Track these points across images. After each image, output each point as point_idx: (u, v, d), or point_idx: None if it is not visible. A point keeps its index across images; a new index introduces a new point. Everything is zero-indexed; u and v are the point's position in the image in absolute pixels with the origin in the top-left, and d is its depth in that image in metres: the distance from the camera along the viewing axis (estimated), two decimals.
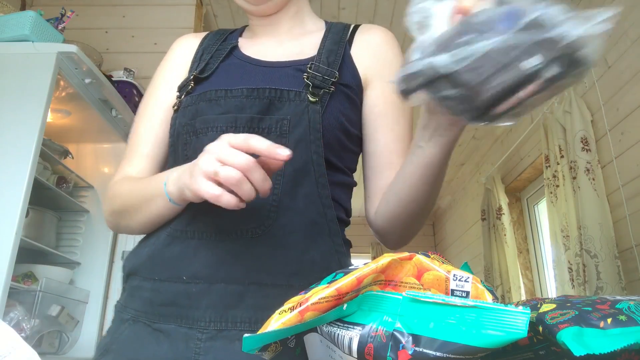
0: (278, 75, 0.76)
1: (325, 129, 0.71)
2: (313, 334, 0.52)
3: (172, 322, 0.66)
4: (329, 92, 0.73)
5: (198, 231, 0.68)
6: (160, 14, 2.36)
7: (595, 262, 2.15)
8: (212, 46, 0.83)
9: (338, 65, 0.77)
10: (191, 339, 0.64)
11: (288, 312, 0.45)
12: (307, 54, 0.79)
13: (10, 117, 1.50)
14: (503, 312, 0.38)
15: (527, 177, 3.34)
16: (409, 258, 0.48)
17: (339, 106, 0.74)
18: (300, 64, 0.76)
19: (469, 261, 4.29)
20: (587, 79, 2.50)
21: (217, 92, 0.72)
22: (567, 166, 2.45)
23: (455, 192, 4.92)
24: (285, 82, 0.74)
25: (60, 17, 1.82)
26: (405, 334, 0.41)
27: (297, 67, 0.76)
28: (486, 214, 3.67)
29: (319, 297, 0.45)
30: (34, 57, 1.58)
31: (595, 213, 2.23)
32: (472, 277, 0.46)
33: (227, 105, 0.71)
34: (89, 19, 2.33)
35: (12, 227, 1.38)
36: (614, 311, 0.43)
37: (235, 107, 0.71)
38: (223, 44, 0.83)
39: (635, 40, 2.12)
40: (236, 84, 0.73)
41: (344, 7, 2.48)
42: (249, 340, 0.44)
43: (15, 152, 1.46)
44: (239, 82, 0.74)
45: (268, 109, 0.70)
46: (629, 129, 2.17)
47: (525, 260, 3.42)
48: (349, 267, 0.51)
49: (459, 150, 4.11)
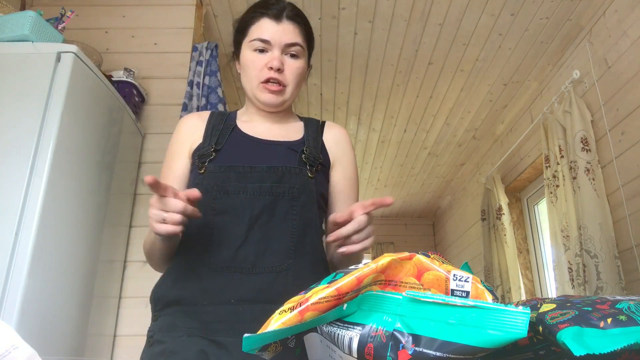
0: (275, 151, 1.03)
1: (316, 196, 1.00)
2: (313, 334, 0.52)
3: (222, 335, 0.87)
4: (317, 170, 1.02)
5: (239, 267, 0.91)
6: (160, 14, 2.36)
7: (595, 262, 2.15)
8: (217, 125, 1.08)
9: (319, 151, 1.06)
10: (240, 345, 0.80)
11: (288, 312, 0.45)
12: (293, 137, 1.07)
13: (10, 117, 1.50)
14: (503, 312, 0.38)
15: (527, 177, 3.34)
16: (409, 258, 0.48)
17: (321, 180, 1.04)
18: (291, 144, 1.05)
19: (469, 261, 4.29)
20: (587, 79, 2.50)
21: (245, 167, 0.98)
22: (567, 166, 2.45)
23: (455, 192, 4.92)
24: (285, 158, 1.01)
25: (60, 17, 1.82)
26: (405, 334, 0.41)
27: (288, 146, 1.04)
28: (486, 214, 3.67)
29: (319, 297, 0.45)
30: (34, 57, 1.58)
31: (595, 213, 2.23)
32: (472, 277, 0.46)
33: (253, 178, 0.97)
34: (89, 19, 2.33)
35: (12, 227, 1.38)
36: (614, 311, 0.43)
37: (258, 179, 0.97)
38: (225, 124, 1.08)
39: (635, 40, 2.12)
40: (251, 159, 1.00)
41: (344, 7, 2.48)
42: (249, 340, 0.44)
43: (15, 152, 1.46)
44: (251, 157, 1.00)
45: (281, 180, 0.97)
46: (629, 129, 2.17)
47: (525, 260, 3.42)
48: (349, 268, 0.51)
49: (459, 150, 4.12)
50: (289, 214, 0.96)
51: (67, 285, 1.57)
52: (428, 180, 4.76)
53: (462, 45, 2.77)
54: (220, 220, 0.95)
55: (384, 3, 2.47)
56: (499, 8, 2.48)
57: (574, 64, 2.63)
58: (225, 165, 0.99)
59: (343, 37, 2.71)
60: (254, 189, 0.96)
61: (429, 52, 2.83)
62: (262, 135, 1.07)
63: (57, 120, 1.51)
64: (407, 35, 2.70)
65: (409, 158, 4.26)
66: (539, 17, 2.54)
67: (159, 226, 0.80)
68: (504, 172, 3.55)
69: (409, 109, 3.46)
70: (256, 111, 1.12)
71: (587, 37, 2.50)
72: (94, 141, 1.75)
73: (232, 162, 0.99)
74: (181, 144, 1.08)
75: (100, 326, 1.79)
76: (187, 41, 2.31)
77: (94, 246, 1.75)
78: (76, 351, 1.62)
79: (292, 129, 1.12)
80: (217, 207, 0.96)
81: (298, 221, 0.96)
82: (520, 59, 2.88)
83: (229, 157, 1.01)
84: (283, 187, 0.97)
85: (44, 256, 1.43)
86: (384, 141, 3.95)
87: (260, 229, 0.94)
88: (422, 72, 3.02)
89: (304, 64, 1.09)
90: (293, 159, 1.02)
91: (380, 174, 4.61)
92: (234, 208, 0.95)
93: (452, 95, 3.28)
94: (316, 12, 2.50)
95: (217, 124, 1.09)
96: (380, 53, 2.85)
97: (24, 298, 1.35)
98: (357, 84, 3.15)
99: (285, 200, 0.96)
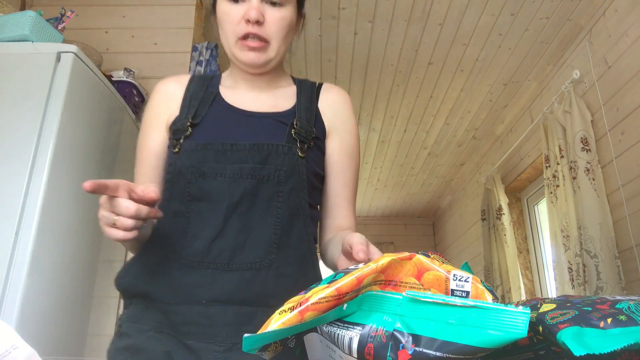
0: (262, 125, 0.89)
1: (307, 178, 0.87)
2: (313, 334, 0.52)
3: (192, 339, 0.79)
4: (310, 146, 0.89)
5: (213, 262, 0.80)
6: (160, 14, 2.36)
7: (595, 262, 2.15)
8: (197, 93, 0.94)
9: (313, 121, 0.92)
10: (210, 351, 0.78)
11: (288, 312, 0.45)
12: (283, 106, 0.93)
13: (10, 117, 1.50)
14: (503, 312, 0.38)
15: (527, 177, 3.34)
16: (409, 258, 0.48)
17: (314, 157, 0.91)
18: (279, 116, 0.91)
19: (469, 261, 4.29)
20: (587, 79, 2.50)
21: (224, 145, 0.84)
22: (567, 166, 2.45)
23: (455, 192, 4.92)
24: (272, 134, 0.88)
25: (60, 17, 1.82)
26: (405, 334, 0.41)
27: (276, 118, 0.91)
28: (486, 214, 3.67)
29: (319, 297, 0.45)
30: (34, 57, 1.58)
31: (595, 213, 2.22)
32: (472, 277, 0.46)
33: (234, 157, 0.84)
34: (89, 19, 2.33)
35: (12, 227, 1.38)
36: (614, 311, 0.43)
37: (239, 159, 0.83)
38: (207, 92, 0.94)
39: (635, 40, 2.12)
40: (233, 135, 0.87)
41: (344, 7, 2.48)
42: (249, 340, 0.44)
43: (15, 152, 1.46)
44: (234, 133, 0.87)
45: (266, 160, 0.84)
46: (629, 129, 2.17)
47: (525, 260, 3.42)
48: (349, 268, 0.51)
49: (459, 150, 4.12)
50: (274, 200, 0.83)
51: (67, 285, 1.57)
52: (428, 180, 4.76)
53: (462, 45, 2.77)
54: (196, 207, 0.83)
55: (384, 3, 2.47)
56: (499, 8, 2.48)
57: (574, 64, 2.63)
58: (201, 142, 0.85)
59: (343, 37, 2.71)
60: (233, 170, 0.83)
61: (429, 52, 2.83)
62: (247, 105, 0.92)
63: (57, 120, 1.51)
64: (407, 35, 2.70)
65: (409, 158, 4.26)
66: (539, 17, 2.54)
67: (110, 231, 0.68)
68: (504, 172, 3.55)
69: (409, 109, 3.46)
70: (240, 74, 0.96)
71: (587, 37, 2.50)
72: (94, 141, 1.75)
73: (210, 139, 0.85)
74: (156, 115, 0.93)
75: (100, 326, 1.79)
76: (187, 41, 2.31)
77: (94, 246, 1.75)
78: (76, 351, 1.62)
79: (282, 97, 0.96)
80: (192, 192, 0.83)
81: (284, 209, 0.83)
82: (520, 59, 2.88)
83: (206, 133, 0.87)
84: (268, 168, 0.83)
85: (44, 256, 1.43)
86: (384, 141, 3.95)
87: (240, 219, 0.82)
88: (422, 72, 3.02)
89: (290, 13, 0.91)
90: (281, 135, 0.88)
91: (380, 174, 4.61)
92: (209, 193, 0.83)
93: (452, 95, 3.28)
94: (316, 12, 2.50)
95: (197, 91, 0.94)
96: (380, 53, 2.85)
97: (24, 298, 1.35)
98: (357, 83, 3.15)
99: (270, 184, 0.83)
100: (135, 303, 0.84)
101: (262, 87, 0.97)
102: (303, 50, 2.80)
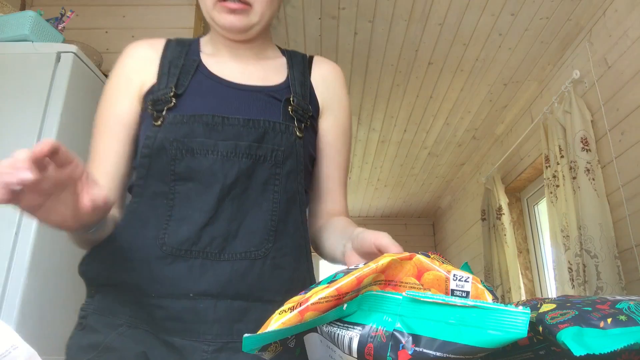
0: (252, 99, 0.80)
1: (303, 161, 0.80)
2: (313, 334, 0.52)
3: (176, 336, 0.70)
4: (307, 126, 0.82)
5: (202, 251, 0.71)
6: (160, 14, 2.36)
7: (595, 262, 2.15)
8: (176, 60, 0.82)
9: (308, 98, 0.85)
10: (197, 350, 0.70)
11: (288, 312, 0.45)
12: (273, 80, 0.85)
13: (10, 117, 1.50)
14: (503, 312, 0.38)
15: (527, 177, 3.34)
16: (409, 258, 0.48)
17: (310, 139, 0.83)
18: (271, 90, 0.82)
19: (469, 261, 4.29)
20: (587, 79, 2.50)
21: (215, 117, 0.74)
22: (567, 166, 2.45)
23: (455, 192, 4.92)
24: (265, 110, 0.79)
25: (60, 17, 1.82)
26: (405, 334, 0.41)
27: (268, 92, 0.82)
28: (486, 214, 3.67)
29: (319, 297, 0.45)
30: (34, 57, 1.58)
31: (595, 213, 2.22)
32: (472, 277, 0.46)
33: (226, 133, 0.74)
34: (89, 19, 2.32)
35: (12, 227, 1.38)
36: (614, 311, 0.43)
37: (233, 135, 0.74)
38: (187, 59, 0.83)
39: (635, 40, 2.12)
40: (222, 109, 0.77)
41: (344, 7, 2.48)
42: (249, 340, 0.44)
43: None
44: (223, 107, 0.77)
45: (263, 138, 0.75)
46: (629, 129, 2.17)
47: (525, 260, 3.41)
48: (348, 268, 0.51)
49: (459, 150, 4.12)
50: (270, 184, 0.75)
51: (67, 285, 1.57)
52: (428, 180, 4.76)
53: (462, 45, 2.77)
54: (182, 188, 0.73)
55: (384, 3, 2.47)
56: (499, 8, 2.48)
57: (574, 64, 2.63)
58: (187, 114, 0.75)
59: (343, 37, 2.71)
60: (227, 148, 0.73)
61: (429, 52, 2.83)
62: (234, 77, 0.83)
63: (57, 120, 1.51)
64: (407, 35, 2.70)
65: (409, 158, 4.26)
66: (539, 17, 2.54)
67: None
68: (504, 172, 3.55)
69: (409, 109, 3.46)
70: (221, 40, 0.86)
71: (587, 37, 2.50)
72: None
73: (198, 111, 0.75)
74: (127, 80, 0.81)
75: None
76: None
77: None
78: None
79: (271, 68, 0.87)
80: (178, 170, 0.73)
81: (281, 194, 0.75)
82: (520, 59, 2.88)
83: (192, 105, 0.77)
84: (265, 148, 0.75)
85: (43, 256, 1.43)
86: (384, 141, 3.95)
87: (232, 203, 0.73)
88: (422, 72, 3.02)
89: None
90: (276, 111, 0.79)
91: (380, 174, 4.60)
92: (200, 173, 0.73)
93: (452, 95, 3.28)
94: (316, 12, 2.50)
95: (176, 58, 0.83)
96: (380, 53, 2.85)
97: (24, 298, 1.35)
98: (357, 83, 3.15)
99: (267, 166, 0.75)
100: (102, 292, 0.74)
101: (248, 58, 0.87)
102: (303, 50, 2.80)
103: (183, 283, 0.70)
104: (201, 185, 0.73)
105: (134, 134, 0.80)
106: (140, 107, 0.81)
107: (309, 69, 0.89)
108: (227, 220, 0.73)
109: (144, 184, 0.74)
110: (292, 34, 2.67)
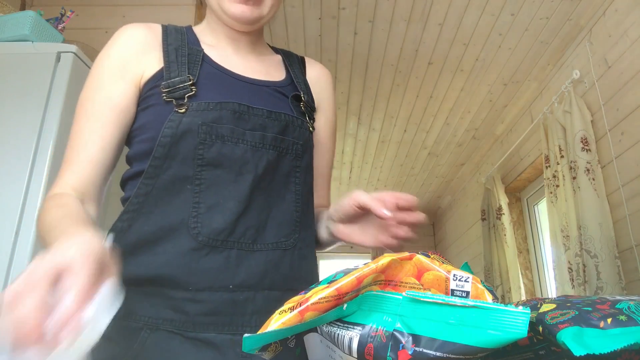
0: (262, 93, 0.80)
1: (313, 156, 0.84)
2: (313, 334, 0.52)
3: (212, 331, 0.67)
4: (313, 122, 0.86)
5: (237, 241, 0.70)
6: (160, 14, 2.36)
7: (595, 262, 2.15)
8: (181, 48, 0.79)
9: (312, 97, 0.88)
10: (236, 344, 0.67)
11: (288, 312, 0.45)
12: (275, 76, 0.86)
13: (10, 117, 1.50)
14: (503, 312, 0.38)
15: (527, 177, 3.34)
16: (409, 258, 0.48)
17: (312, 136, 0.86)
18: (277, 86, 0.83)
19: (469, 261, 4.29)
20: (587, 79, 2.50)
21: (241, 106, 0.74)
22: (567, 166, 2.45)
23: (455, 192, 4.92)
24: (279, 104, 0.80)
25: (60, 17, 1.82)
26: (405, 334, 0.41)
27: (275, 88, 0.82)
28: (486, 214, 3.67)
29: (319, 297, 0.45)
30: (34, 57, 1.58)
31: (595, 213, 2.22)
32: (472, 277, 0.46)
33: (252, 122, 0.74)
34: (89, 19, 2.32)
35: (12, 227, 1.38)
36: (614, 311, 0.43)
37: (260, 125, 0.74)
38: (190, 48, 0.80)
39: (635, 40, 2.12)
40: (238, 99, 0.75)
41: (344, 7, 2.48)
42: (249, 340, 0.44)
43: (15, 152, 1.46)
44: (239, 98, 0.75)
45: (285, 131, 0.76)
46: (629, 129, 2.17)
47: (525, 260, 3.41)
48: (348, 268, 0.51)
49: (459, 150, 4.12)
50: (292, 176, 0.76)
51: None
52: (428, 180, 4.76)
53: (462, 45, 2.77)
54: (210, 174, 0.70)
55: (384, 3, 2.47)
56: (499, 8, 2.48)
57: (574, 63, 2.63)
58: (214, 101, 0.72)
59: (343, 37, 2.71)
60: (254, 138, 0.73)
61: (429, 52, 2.83)
62: (240, 69, 0.81)
63: (57, 120, 1.51)
64: (407, 35, 2.70)
65: (409, 158, 4.26)
66: (539, 17, 2.54)
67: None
68: (504, 172, 3.55)
69: (409, 109, 3.46)
70: (223, 30, 0.84)
71: (587, 37, 2.50)
72: None
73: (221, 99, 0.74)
74: (123, 63, 0.77)
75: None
76: None
77: None
78: None
79: (271, 65, 0.88)
80: (207, 155, 0.70)
81: (302, 186, 0.77)
82: (520, 59, 2.88)
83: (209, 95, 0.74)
84: (287, 141, 0.76)
85: None
86: (384, 141, 3.95)
87: (261, 193, 0.73)
88: (422, 72, 3.02)
89: None
90: (287, 106, 0.80)
91: (380, 174, 4.60)
92: (232, 160, 0.71)
93: (452, 95, 3.28)
94: (316, 12, 2.50)
95: (180, 46, 0.79)
96: (380, 53, 2.85)
97: None
98: (357, 83, 3.14)
99: (289, 158, 0.76)
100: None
101: (247, 51, 0.86)
102: (303, 50, 2.80)
103: (222, 275, 0.68)
104: (232, 173, 0.71)
105: (126, 121, 0.76)
106: (137, 92, 0.76)
107: (303, 69, 0.92)
108: (257, 210, 0.72)
109: (163, 165, 0.70)
110: (292, 34, 2.67)
